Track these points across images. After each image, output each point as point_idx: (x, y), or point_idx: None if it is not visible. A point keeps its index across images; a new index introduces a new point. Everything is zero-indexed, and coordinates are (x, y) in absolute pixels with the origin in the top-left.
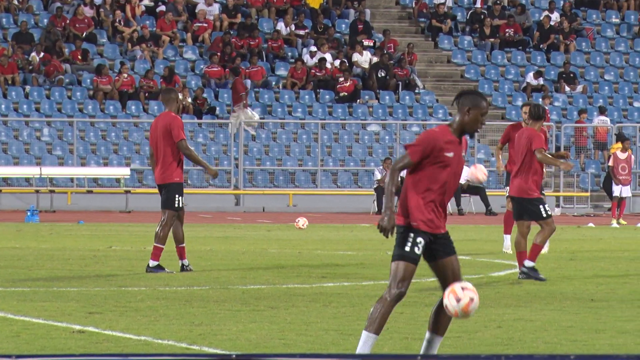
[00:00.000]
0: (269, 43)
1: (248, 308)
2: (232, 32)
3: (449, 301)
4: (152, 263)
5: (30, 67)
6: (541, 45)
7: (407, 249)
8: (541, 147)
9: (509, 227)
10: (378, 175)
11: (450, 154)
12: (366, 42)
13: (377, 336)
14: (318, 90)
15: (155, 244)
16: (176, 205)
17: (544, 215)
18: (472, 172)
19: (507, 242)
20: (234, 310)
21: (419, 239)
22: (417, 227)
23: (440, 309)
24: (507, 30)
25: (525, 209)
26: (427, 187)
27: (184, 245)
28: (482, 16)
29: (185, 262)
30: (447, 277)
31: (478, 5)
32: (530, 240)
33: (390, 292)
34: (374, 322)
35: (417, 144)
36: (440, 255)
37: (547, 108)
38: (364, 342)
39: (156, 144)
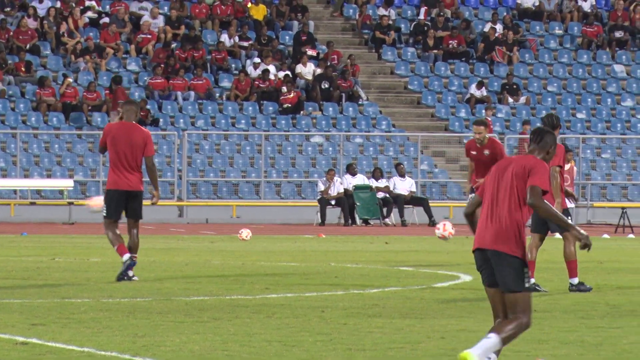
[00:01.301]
0: (213, 54)
1: (191, 319)
2: (175, 44)
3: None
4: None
5: None
6: (485, 57)
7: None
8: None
9: None
10: (321, 187)
11: None
12: (310, 53)
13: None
14: (262, 101)
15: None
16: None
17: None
18: (440, 233)
19: None
20: (177, 321)
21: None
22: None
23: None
24: (450, 42)
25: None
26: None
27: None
28: (426, 28)
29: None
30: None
31: (421, 17)
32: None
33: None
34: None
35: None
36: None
37: (490, 119)
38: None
39: (124, 151)
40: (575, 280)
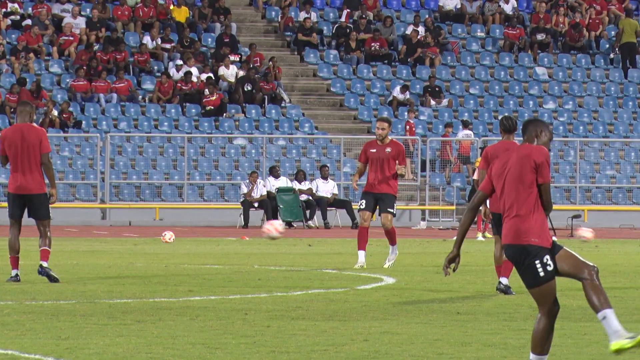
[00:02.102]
0: (135, 57)
1: (115, 322)
2: (97, 46)
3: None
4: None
5: None
6: (409, 59)
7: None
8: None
9: (364, 243)
10: (244, 189)
11: None
12: (232, 58)
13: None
14: (184, 104)
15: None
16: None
17: None
18: (267, 229)
19: (362, 258)
20: (100, 324)
21: None
22: None
23: (550, 328)
24: (372, 44)
25: None
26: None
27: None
28: (348, 30)
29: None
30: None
31: (343, 19)
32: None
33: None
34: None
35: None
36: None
37: (412, 122)
38: None
39: (21, 153)
40: (505, 281)
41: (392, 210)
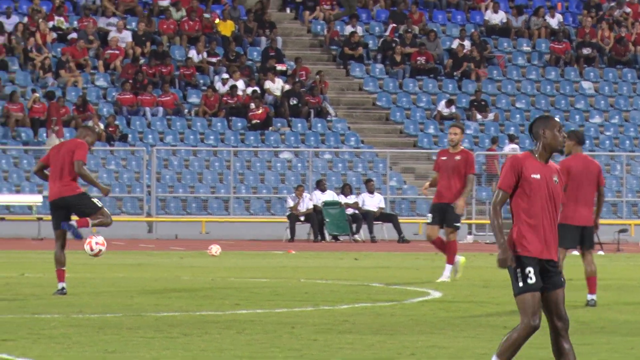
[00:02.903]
0: (181, 70)
1: (161, 335)
2: (143, 60)
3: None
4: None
5: None
6: (454, 73)
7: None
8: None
9: (452, 256)
10: (290, 203)
11: (537, 176)
12: (279, 67)
13: None
14: (230, 117)
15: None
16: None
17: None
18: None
19: (447, 272)
20: (147, 337)
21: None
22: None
23: (557, 348)
24: (418, 58)
25: (589, 238)
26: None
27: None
28: (393, 44)
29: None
30: (550, 310)
31: (388, 33)
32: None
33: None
34: None
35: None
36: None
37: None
38: None
39: (54, 161)
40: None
41: (457, 225)
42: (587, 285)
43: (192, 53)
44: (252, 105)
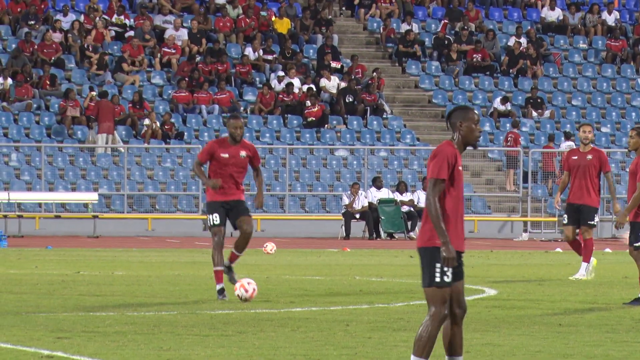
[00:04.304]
0: (237, 68)
1: (216, 333)
2: (199, 57)
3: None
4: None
5: None
6: (510, 71)
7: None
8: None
9: (583, 253)
10: (346, 200)
11: (461, 168)
12: (334, 65)
13: None
14: (286, 115)
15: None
16: (208, 224)
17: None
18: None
19: (583, 271)
20: (202, 335)
21: None
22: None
23: (450, 333)
24: (474, 55)
25: None
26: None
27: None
28: (447, 42)
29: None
30: (452, 298)
31: (440, 29)
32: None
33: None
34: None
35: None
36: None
37: (517, 132)
38: None
39: None
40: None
41: (591, 223)
42: None
43: (248, 51)
44: (308, 103)
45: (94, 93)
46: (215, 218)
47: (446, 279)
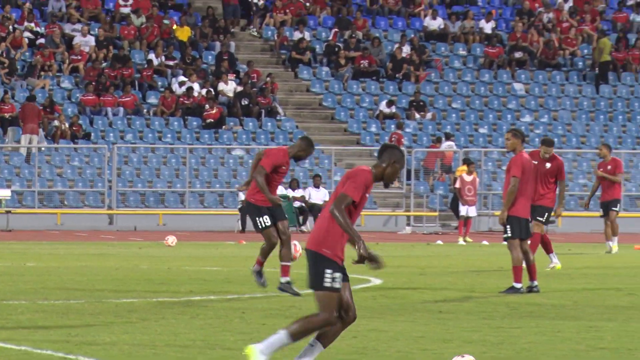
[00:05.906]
0: (141, 73)
1: (121, 320)
2: (105, 63)
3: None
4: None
5: None
6: (396, 75)
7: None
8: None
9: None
10: (242, 197)
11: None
12: (230, 78)
13: None
14: (186, 117)
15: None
16: (258, 227)
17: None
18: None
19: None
20: (107, 322)
21: None
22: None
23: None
24: (362, 61)
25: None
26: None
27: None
28: (337, 49)
29: (283, 280)
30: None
31: (331, 38)
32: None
33: None
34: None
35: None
36: None
37: (400, 133)
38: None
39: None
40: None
41: (541, 219)
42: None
43: (151, 57)
44: (207, 106)
45: (7, 96)
46: (266, 220)
47: (335, 285)
